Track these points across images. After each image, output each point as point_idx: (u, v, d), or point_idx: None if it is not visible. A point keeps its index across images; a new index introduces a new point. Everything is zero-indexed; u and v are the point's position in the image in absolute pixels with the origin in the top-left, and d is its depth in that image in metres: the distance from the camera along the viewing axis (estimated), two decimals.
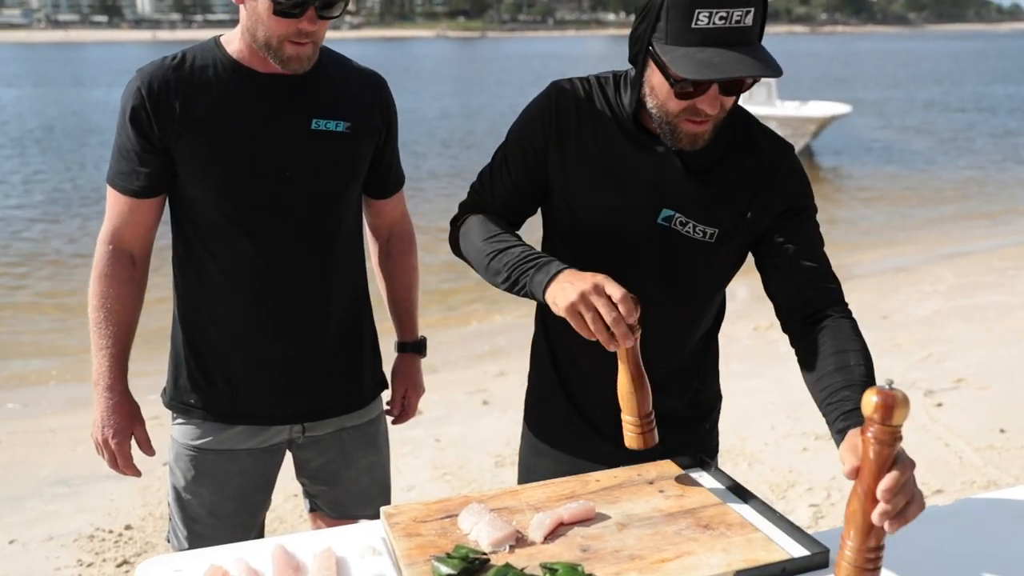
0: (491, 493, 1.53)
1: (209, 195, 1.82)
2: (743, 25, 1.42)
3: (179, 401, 1.95)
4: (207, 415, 1.93)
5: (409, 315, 2.23)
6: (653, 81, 1.51)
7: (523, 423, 1.92)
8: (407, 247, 2.20)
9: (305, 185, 1.85)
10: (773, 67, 1.43)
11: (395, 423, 2.25)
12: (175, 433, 1.97)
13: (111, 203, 1.87)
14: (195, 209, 1.85)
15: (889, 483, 1.13)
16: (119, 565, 3.43)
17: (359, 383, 2.05)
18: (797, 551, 1.37)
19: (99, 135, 18.99)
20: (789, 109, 16.57)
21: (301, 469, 2.08)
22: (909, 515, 1.15)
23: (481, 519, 1.40)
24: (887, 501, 1.13)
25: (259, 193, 1.82)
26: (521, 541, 1.38)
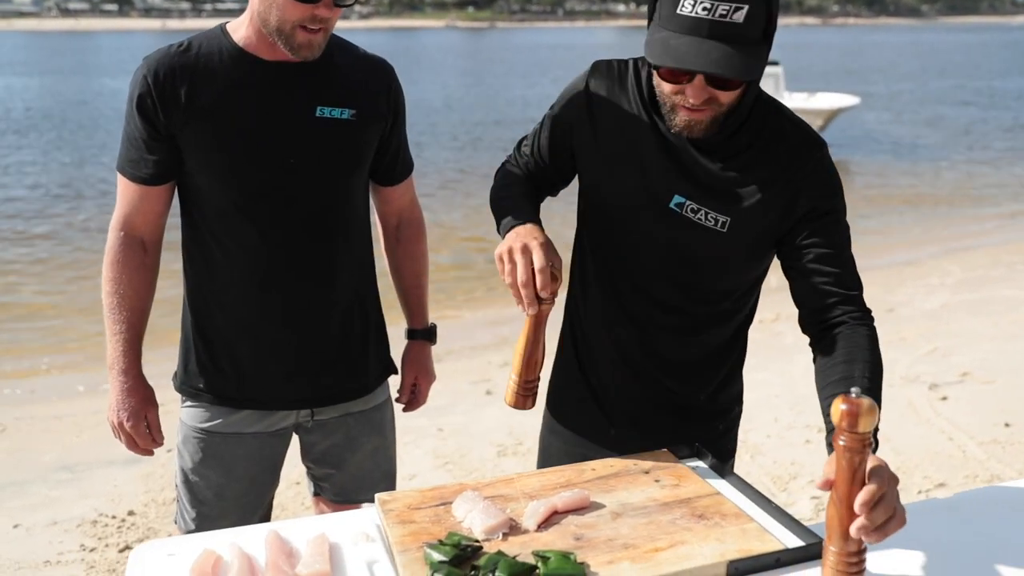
0: (486, 481, 1.53)
1: (215, 182, 1.83)
2: (729, 20, 1.40)
3: (188, 385, 1.97)
4: (215, 399, 1.95)
5: (419, 302, 2.23)
6: None
7: (545, 403, 1.94)
8: (416, 234, 2.20)
9: (310, 172, 1.85)
10: (739, 68, 1.40)
11: (405, 410, 2.25)
12: (184, 416, 1.99)
13: (121, 190, 1.88)
14: (201, 196, 1.86)
15: (865, 497, 1.13)
16: (122, 550, 3.45)
17: (364, 370, 2.05)
18: (792, 541, 1.37)
19: (108, 124, 19.02)
20: (797, 101, 16.51)
21: (307, 452, 2.09)
22: (889, 530, 1.15)
23: (475, 507, 1.40)
24: (865, 515, 1.13)
25: (264, 180, 1.83)
26: (515, 529, 1.38)
